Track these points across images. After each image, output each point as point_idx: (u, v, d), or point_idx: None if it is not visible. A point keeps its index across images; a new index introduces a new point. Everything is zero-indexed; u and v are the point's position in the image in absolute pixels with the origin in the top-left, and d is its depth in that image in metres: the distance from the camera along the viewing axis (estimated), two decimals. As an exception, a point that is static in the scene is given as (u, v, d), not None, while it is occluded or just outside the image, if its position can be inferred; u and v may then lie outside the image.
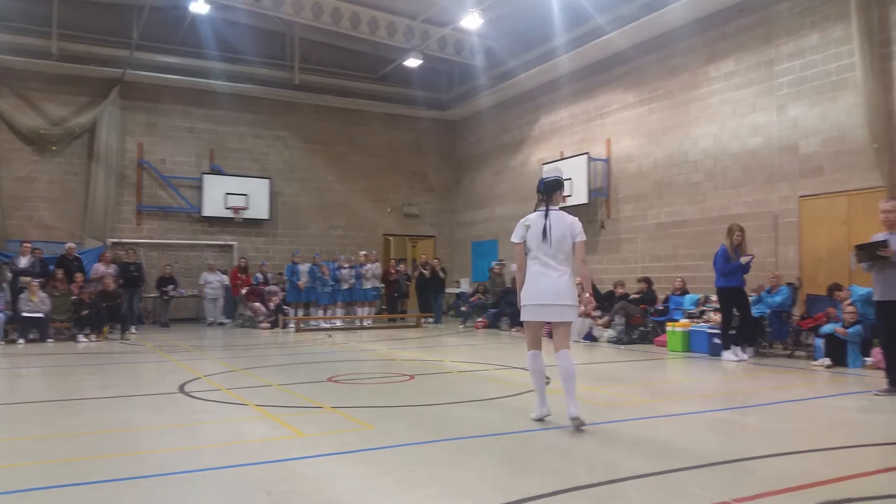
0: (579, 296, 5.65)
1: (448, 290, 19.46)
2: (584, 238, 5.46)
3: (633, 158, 15.12)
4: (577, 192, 15.61)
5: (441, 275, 18.52)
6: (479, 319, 16.57)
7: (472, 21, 15.64)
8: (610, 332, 12.79)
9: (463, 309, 17.76)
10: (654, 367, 9.86)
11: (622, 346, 12.18)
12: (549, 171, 5.67)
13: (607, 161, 15.67)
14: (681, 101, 13.99)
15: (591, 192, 15.55)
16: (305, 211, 20.13)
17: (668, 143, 14.24)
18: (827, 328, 9.36)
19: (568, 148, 16.79)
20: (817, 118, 11.39)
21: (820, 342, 9.44)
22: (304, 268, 17.06)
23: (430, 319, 17.99)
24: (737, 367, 9.53)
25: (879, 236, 7.04)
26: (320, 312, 17.02)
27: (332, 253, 18.93)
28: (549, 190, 5.50)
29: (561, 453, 4.65)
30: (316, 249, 18.87)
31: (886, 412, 6.29)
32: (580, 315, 7.62)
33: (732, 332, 10.04)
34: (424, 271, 18.40)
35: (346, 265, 17.61)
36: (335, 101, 20.12)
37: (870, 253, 6.94)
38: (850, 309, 9.23)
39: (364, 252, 18.12)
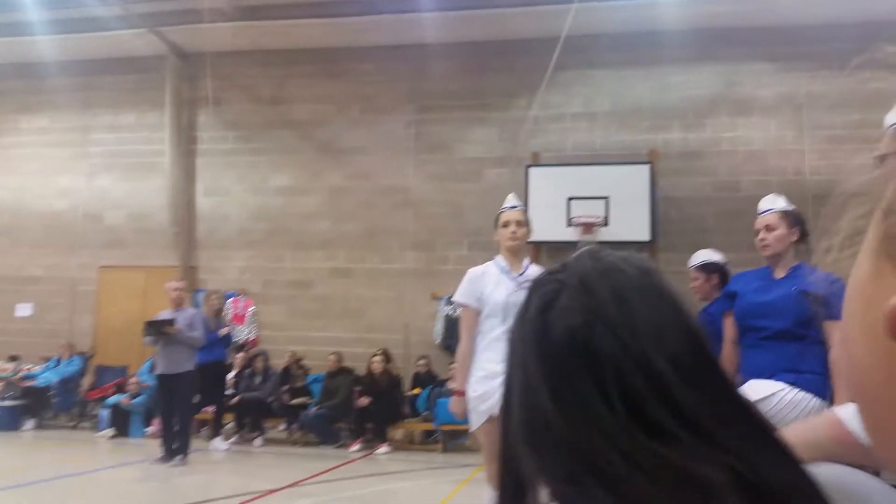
0: None
1: None
2: None
3: (-88, 196, 12.76)
4: None
5: None
6: None
7: None
8: None
9: None
10: None
11: None
12: None
13: None
14: (-16, 144, 12.61)
15: None
16: None
17: (-40, 188, 12.57)
18: (113, 399, 9.60)
19: None
20: (126, 193, 11.86)
21: (105, 413, 9.59)
22: None
23: None
24: (13, 442, 8.82)
25: (166, 314, 7.68)
26: None
27: None
28: None
29: None
30: None
31: (160, 480, 6.81)
32: None
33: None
34: None
35: None
36: None
37: (157, 329, 7.50)
38: (135, 380, 9.71)
39: None
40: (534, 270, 3.75)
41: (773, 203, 3.32)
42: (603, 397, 0.63)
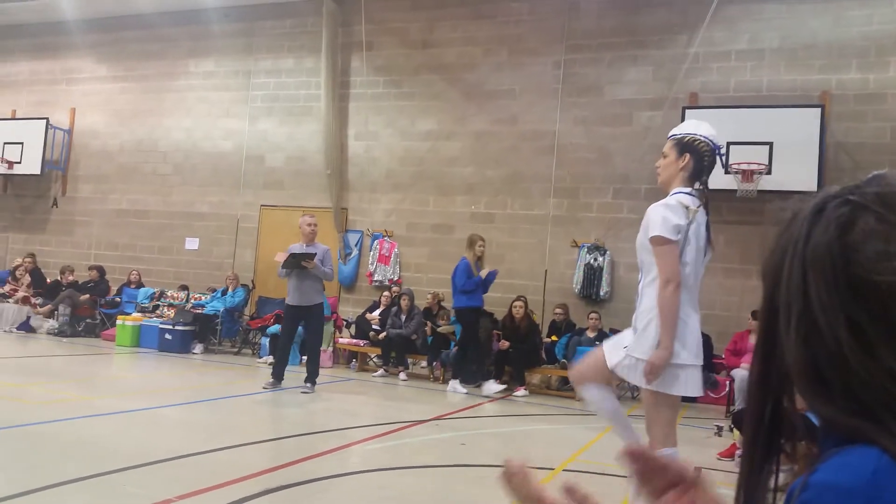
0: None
1: None
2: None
3: (100, 136, 14.12)
4: (29, 161, 13.76)
5: None
6: None
7: None
8: (52, 323, 11.60)
9: None
10: (98, 362, 9.41)
11: (64, 339, 11.17)
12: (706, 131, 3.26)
13: (69, 132, 14.26)
14: (157, 87, 13.65)
15: (46, 164, 13.91)
16: None
17: (139, 128, 13.73)
18: (273, 328, 10.30)
19: (24, 108, 14.69)
20: (284, 136, 12.49)
21: (266, 341, 10.32)
22: None
23: None
24: (184, 363, 9.69)
25: (296, 247, 7.77)
26: None
27: None
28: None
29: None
30: None
31: (311, 405, 7.26)
32: None
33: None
34: None
35: None
36: None
37: (297, 261, 7.57)
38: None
39: None
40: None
41: None
42: None
